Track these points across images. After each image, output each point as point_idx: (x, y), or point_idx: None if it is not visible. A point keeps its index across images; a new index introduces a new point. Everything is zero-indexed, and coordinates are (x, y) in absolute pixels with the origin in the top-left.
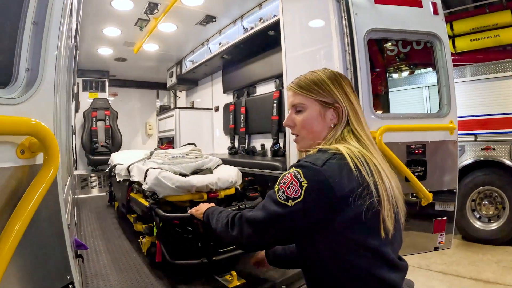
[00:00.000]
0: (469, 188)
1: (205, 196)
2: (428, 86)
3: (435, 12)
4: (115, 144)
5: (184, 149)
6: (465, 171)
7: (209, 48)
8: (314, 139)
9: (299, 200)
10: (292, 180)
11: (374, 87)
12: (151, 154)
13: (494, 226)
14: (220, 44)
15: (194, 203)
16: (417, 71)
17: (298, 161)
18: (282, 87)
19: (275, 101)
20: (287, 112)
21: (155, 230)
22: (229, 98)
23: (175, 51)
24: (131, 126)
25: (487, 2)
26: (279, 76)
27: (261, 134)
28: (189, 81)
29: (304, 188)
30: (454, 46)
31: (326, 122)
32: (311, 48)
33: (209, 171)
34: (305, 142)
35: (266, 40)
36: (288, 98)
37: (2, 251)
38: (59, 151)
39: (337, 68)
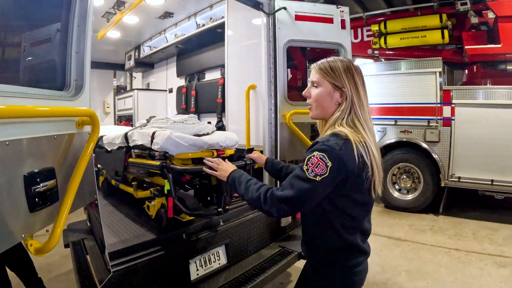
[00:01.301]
0: (389, 164)
1: (215, 153)
2: None
3: (343, 27)
4: None
5: (182, 116)
6: (388, 149)
7: (165, 37)
8: (323, 112)
9: (325, 176)
10: (319, 162)
11: (294, 80)
12: (147, 121)
13: (410, 196)
14: (176, 35)
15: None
16: None
17: (315, 143)
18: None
19: (220, 87)
20: None
21: (166, 188)
22: (181, 82)
23: (134, 38)
24: None
25: (421, 6)
26: (223, 66)
27: (208, 114)
28: (146, 64)
29: (329, 167)
30: (385, 42)
31: (333, 101)
32: (246, 49)
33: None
34: (315, 112)
35: (215, 36)
36: (311, 74)
37: (76, 175)
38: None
39: (263, 66)
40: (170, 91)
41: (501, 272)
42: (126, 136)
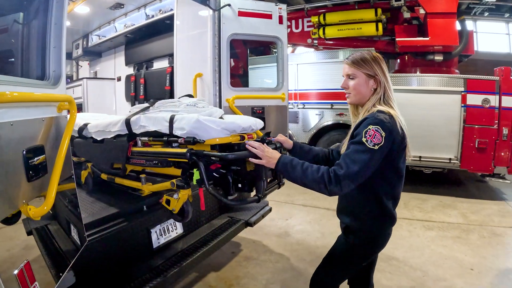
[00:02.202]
0: (327, 145)
1: (246, 138)
2: (297, 64)
3: (280, 22)
4: None
5: (191, 99)
6: (325, 131)
7: (115, 26)
8: (360, 98)
9: (381, 144)
10: (375, 133)
11: (236, 69)
12: (150, 105)
13: None
14: (125, 25)
15: (231, 147)
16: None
17: (364, 119)
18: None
19: (168, 75)
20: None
21: (195, 178)
22: (130, 70)
23: (83, 27)
24: None
25: (358, 0)
26: (171, 55)
27: (157, 100)
28: (94, 53)
29: (383, 136)
30: (324, 33)
31: (369, 88)
32: (193, 40)
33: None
34: (354, 99)
35: (163, 26)
36: (344, 69)
37: (62, 150)
38: None
39: (209, 56)
40: (119, 79)
41: (428, 233)
42: (128, 123)
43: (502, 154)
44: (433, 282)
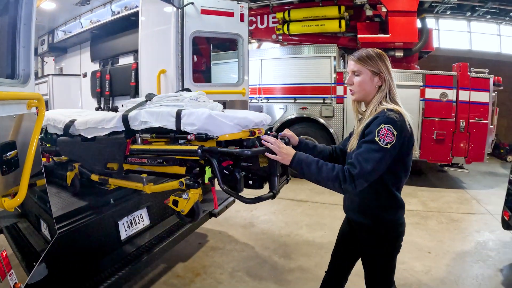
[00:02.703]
0: None
1: (257, 133)
2: (261, 59)
3: (242, 20)
4: None
5: (192, 93)
6: (288, 124)
7: (81, 22)
8: (365, 95)
9: (393, 143)
10: (387, 132)
11: (199, 65)
12: (148, 99)
13: None
14: (91, 21)
15: (240, 142)
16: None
17: (375, 118)
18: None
19: (133, 71)
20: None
21: (207, 176)
22: (96, 66)
23: (48, 23)
24: None
25: None
26: (136, 51)
27: (122, 96)
28: (59, 49)
29: (395, 135)
30: (288, 29)
31: (373, 84)
32: (158, 37)
33: None
34: (358, 95)
35: (129, 23)
36: (349, 65)
37: (30, 152)
38: None
39: (172, 53)
40: (84, 75)
41: None
42: (126, 118)
43: (460, 145)
44: None
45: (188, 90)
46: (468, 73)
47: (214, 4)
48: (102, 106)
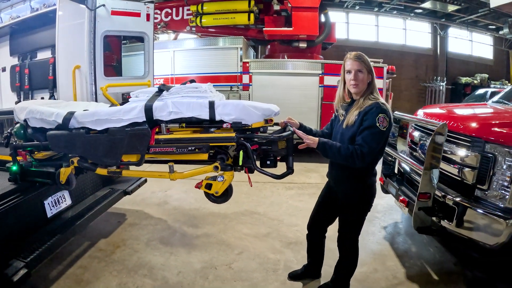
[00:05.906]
0: None
1: (273, 121)
2: (174, 51)
3: (148, 19)
4: None
5: (204, 85)
6: None
7: (0, 17)
8: (362, 89)
9: (388, 126)
10: (384, 119)
11: (111, 59)
12: (162, 90)
13: None
14: (11, 16)
15: (255, 130)
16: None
17: (371, 108)
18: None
19: (51, 65)
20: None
21: (241, 158)
22: (15, 60)
23: None
24: None
25: None
26: (54, 46)
27: (41, 90)
28: None
29: (387, 121)
30: (201, 22)
31: (367, 80)
32: (73, 35)
33: None
34: (359, 89)
35: (47, 19)
36: (352, 65)
37: None
38: None
39: (85, 50)
40: (4, 70)
41: (288, 192)
42: (150, 109)
43: None
44: (287, 227)
45: (193, 81)
46: None
47: (123, 5)
48: (22, 100)
